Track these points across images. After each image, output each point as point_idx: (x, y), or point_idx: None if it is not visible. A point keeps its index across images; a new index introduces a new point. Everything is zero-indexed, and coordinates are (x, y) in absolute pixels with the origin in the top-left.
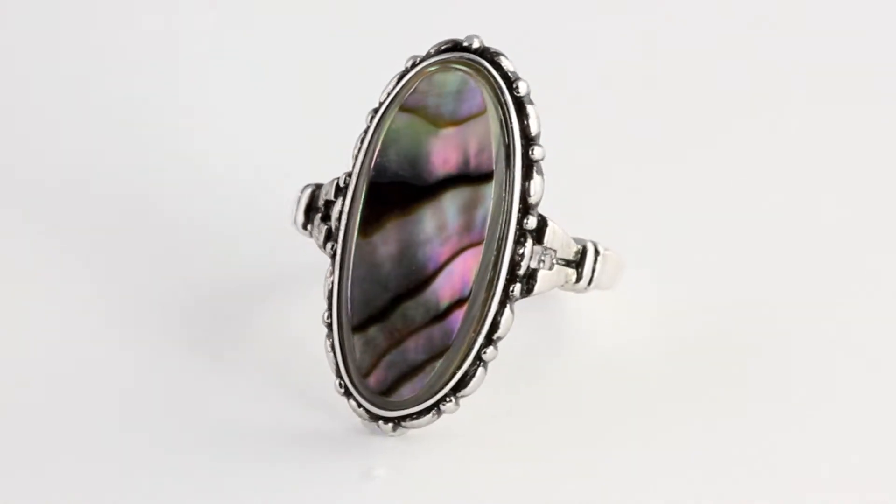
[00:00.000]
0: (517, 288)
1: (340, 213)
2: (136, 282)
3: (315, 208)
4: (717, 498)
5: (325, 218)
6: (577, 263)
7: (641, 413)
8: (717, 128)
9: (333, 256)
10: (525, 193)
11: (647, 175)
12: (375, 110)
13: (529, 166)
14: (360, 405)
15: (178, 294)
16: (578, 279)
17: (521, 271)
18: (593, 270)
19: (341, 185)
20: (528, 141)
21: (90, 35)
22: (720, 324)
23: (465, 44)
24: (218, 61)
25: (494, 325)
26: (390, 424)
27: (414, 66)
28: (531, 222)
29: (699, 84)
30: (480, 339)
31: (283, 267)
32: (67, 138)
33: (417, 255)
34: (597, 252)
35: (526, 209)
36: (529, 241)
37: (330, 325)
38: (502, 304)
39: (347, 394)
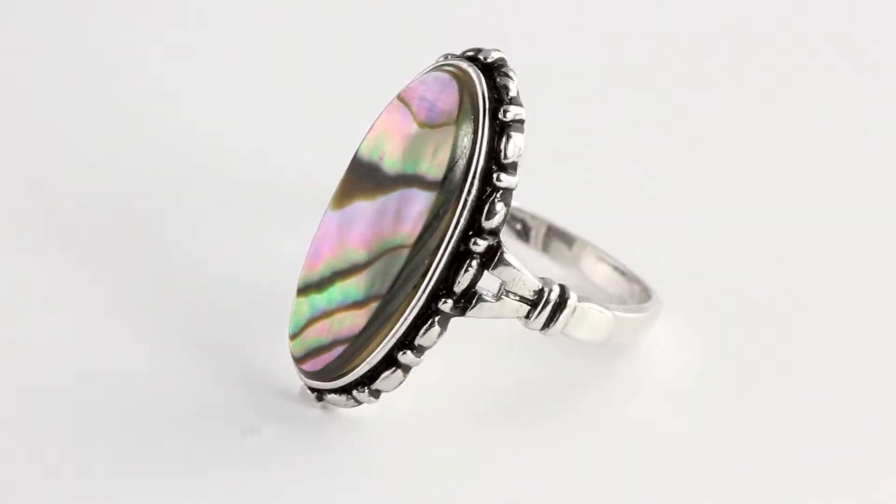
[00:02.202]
0: (449, 304)
1: None
2: (137, 282)
3: None
4: None
5: None
6: (534, 303)
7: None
8: (737, 149)
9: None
10: (479, 215)
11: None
12: None
13: (492, 190)
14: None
15: (181, 294)
16: (529, 317)
17: (458, 289)
18: (551, 316)
19: None
20: (500, 166)
21: (90, 32)
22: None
23: (482, 56)
24: (219, 60)
25: (415, 331)
26: (315, 394)
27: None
28: (480, 245)
29: (717, 101)
30: (394, 340)
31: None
32: (70, 138)
33: (360, 240)
34: (564, 298)
35: (479, 231)
36: (475, 263)
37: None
38: (432, 314)
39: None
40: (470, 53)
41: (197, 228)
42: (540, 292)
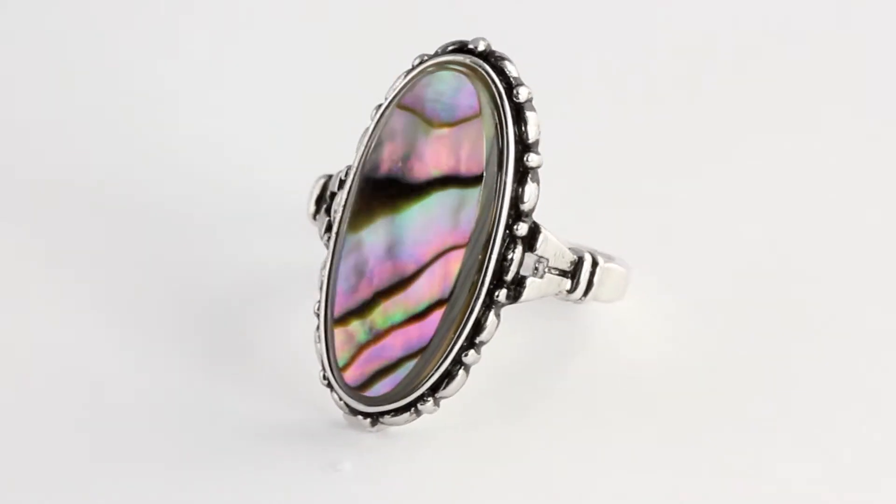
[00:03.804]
0: (503, 293)
1: (339, 205)
2: (138, 282)
3: (324, 199)
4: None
5: (328, 210)
6: (572, 274)
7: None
8: (725, 133)
9: (329, 247)
10: (517, 199)
11: (657, 183)
12: (379, 107)
13: (524, 173)
14: (340, 398)
15: (183, 294)
16: (572, 290)
17: (509, 277)
18: (589, 282)
19: (343, 178)
20: (525, 147)
21: (89, 32)
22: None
23: (471, 46)
24: (222, 60)
25: (477, 329)
26: (368, 420)
27: (421, 64)
28: (522, 229)
29: (708, 90)
30: (460, 342)
31: (293, 265)
32: (69, 139)
33: (402, 253)
34: (595, 264)
35: (518, 215)
36: (519, 248)
37: (319, 316)
38: (486, 309)
39: (330, 386)
40: (453, 48)
41: (198, 236)
42: (577, 262)
